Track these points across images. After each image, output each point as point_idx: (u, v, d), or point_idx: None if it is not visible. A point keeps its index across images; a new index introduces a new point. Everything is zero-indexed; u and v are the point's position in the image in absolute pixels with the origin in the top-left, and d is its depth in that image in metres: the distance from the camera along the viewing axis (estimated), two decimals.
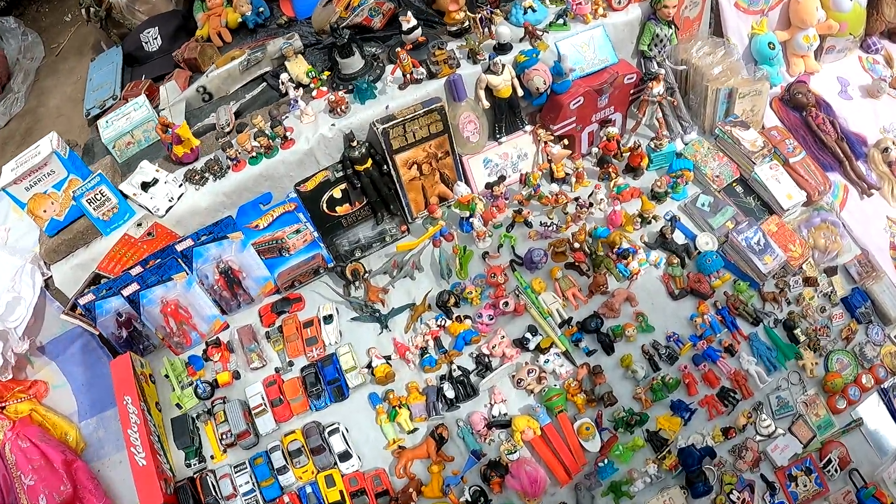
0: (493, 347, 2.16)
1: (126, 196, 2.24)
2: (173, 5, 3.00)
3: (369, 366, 2.18)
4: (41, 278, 2.26)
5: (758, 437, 2.09)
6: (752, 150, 2.37)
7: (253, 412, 2.14)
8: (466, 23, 2.30)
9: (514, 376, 2.14)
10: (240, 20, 2.76)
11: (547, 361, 2.12)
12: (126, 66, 2.88)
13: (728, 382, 2.14)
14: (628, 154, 2.39)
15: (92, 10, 2.85)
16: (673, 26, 2.34)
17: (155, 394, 2.23)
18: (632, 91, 2.41)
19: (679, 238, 2.31)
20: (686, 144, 2.47)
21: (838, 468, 2.11)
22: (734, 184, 2.41)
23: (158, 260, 2.20)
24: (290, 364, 2.25)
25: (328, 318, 2.30)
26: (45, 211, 2.22)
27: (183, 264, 2.23)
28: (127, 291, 2.18)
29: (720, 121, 2.47)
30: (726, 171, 2.41)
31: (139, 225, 2.22)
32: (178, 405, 2.19)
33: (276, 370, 2.24)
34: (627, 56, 2.42)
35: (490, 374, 2.12)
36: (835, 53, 2.74)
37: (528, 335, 2.16)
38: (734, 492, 2.01)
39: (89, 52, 3.13)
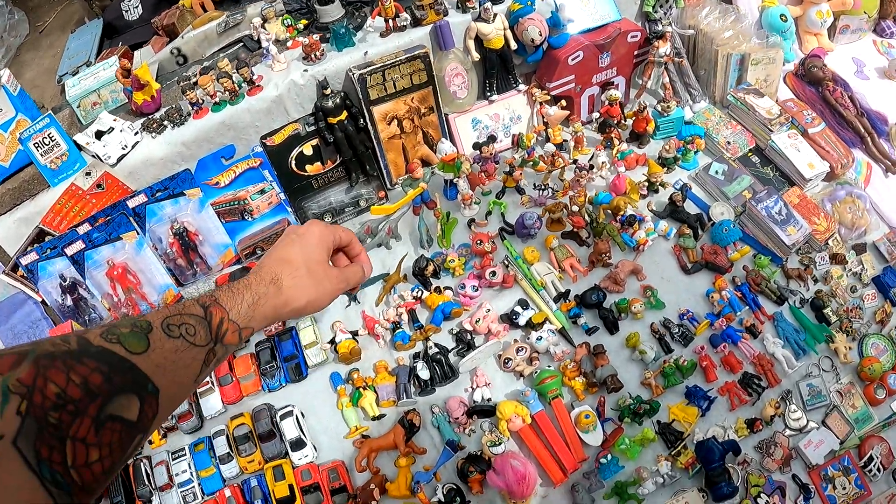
0: (477, 322, 1.85)
1: (80, 147, 2.03)
2: None
3: (332, 341, 1.89)
4: None
5: (787, 432, 1.75)
6: (768, 117, 2.15)
7: (197, 391, 1.86)
8: None
9: (500, 356, 1.83)
10: None
11: (540, 339, 1.81)
12: (105, 37, 2.77)
13: (752, 367, 1.83)
14: (632, 119, 2.17)
15: None
16: None
17: None
18: (636, 52, 2.22)
19: (690, 208, 2.05)
20: (695, 113, 2.25)
21: (881, 467, 1.76)
22: (750, 153, 2.18)
23: (108, 217, 1.97)
24: (245, 340, 1.96)
25: None
26: None
27: (134, 223, 1.99)
28: (71, 250, 1.95)
29: (732, 88, 2.26)
30: (741, 140, 2.18)
31: (88, 174, 2.00)
32: None
33: None
34: (630, 18, 2.24)
35: (472, 353, 1.81)
36: (848, 34, 2.58)
37: (518, 309, 1.87)
38: (762, 495, 1.64)
39: (72, 28, 3.03)
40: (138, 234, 2.01)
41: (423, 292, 1.94)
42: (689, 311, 1.89)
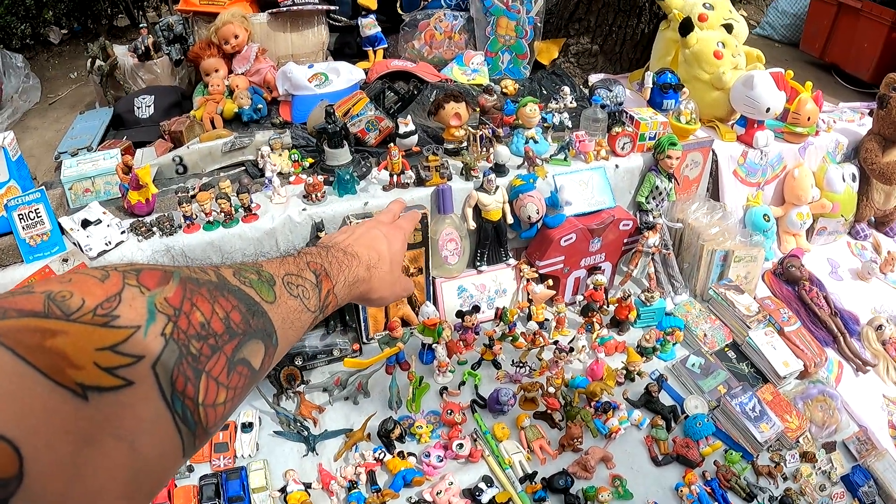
0: (438, 494, 1.77)
1: (63, 231, 1.98)
2: (176, 83, 2.98)
3: (283, 490, 1.78)
4: None
5: None
6: (746, 314, 2.22)
7: None
8: (465, 142, 2.23)
9: None
10: (235, 111, 2.72)
11: None
12: (112, 127, 2.78)
13: None
14: (615, 306, 2.20)
15: (97, 63, 2.80)
16: (673, 180, 2.29)
17: None
18: (625, 240, 2.29)
19: (665, 399, 2.05)
20: (676, 305, 2.31)
21: None
22: (726, 349, 2.22)
23: None
24: (190, 469, 1.85)
25: (247, 427, 1.93)
26: None
27: None
28: None
29: (714, 283, 2.33)
30: (719, 335, 2.23)
31: (65, 261, 1.93)
32: None
33: None
34: (623, 206, 2.33)
35: None
36: (825, 235, 2.73)
37: (483, 486, 1.79)
38: None
39: (81, 110, 3.06)
40: None
41: (385, 454, 1.86)
42: (657, 503, 1.85)
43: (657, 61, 2.77)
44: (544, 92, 2.82)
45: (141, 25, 2.93)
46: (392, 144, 2.07)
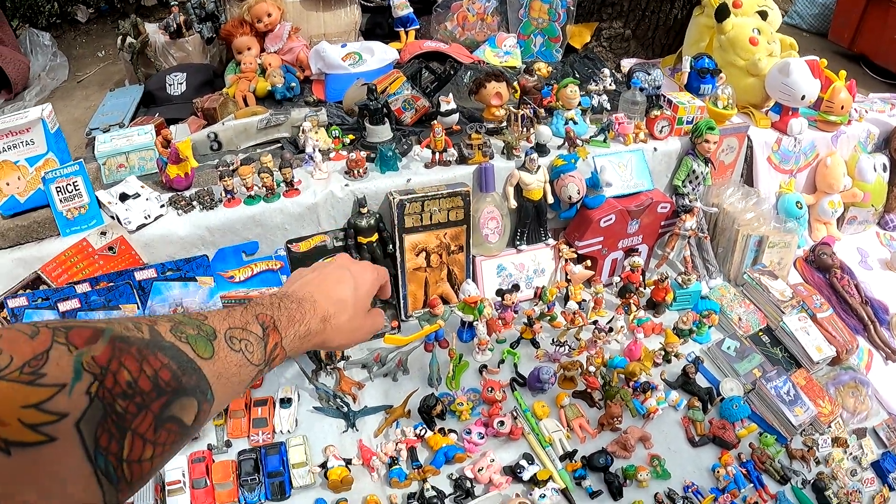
0: (480, 471, 1.78)
1: (101, 205, 1.97)
2: (207, 61, 2.97)
3: (324, 465, 1.79)
4: None
5: None
6: (781, 299, 2.23)
7: (166, 488, 1.71)
8: (504, 122, 2.22)
9: None
10: (268, 90, 2.71)
11: (543, 497, 1.74)
12: (143, 105, 2.76)
13: None
14: (652, 287, 2.21)
15: (128, 40, 2.78)
16: (710, 164, 2.29)
17: None
18: (662, 223, 2.29)
19: (701, 381, 2.06)
20: (711, 289, 2.32)
21: None
22: (760, 333, 2.23)
23: (111, 283, 1.89)
24: (228, 444, 1.85)
25: (286, 402, 1.93)
26: (7, 184, 1.94)
27: (137, 296, 1.91)
28: (64, 307, 1.85)
29: (748, 268, 2.34)
30: (753, 319, 2.24)
31: (103, 234, 1.93)
32: None
33: (209, 447, 1.83)
34: (660, 189, 2.33)
35: (471, 502, 1.73)
36: (855, 224, 2.74)
37: (524, 463, 1.80)
38: None
39: (111, 87, 3.05)
40: (138, 308, 1.92)
41: (426, 431, 1.87)
42: (694, 483, 1.87)
43: (690, 47, 2.76)
44: (577, 75, 2.81)
45: (172, 3, 2.90)
46: (435, 121, 2.06)
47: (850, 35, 4.28)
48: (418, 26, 2.96)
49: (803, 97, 2.42)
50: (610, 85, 2.29)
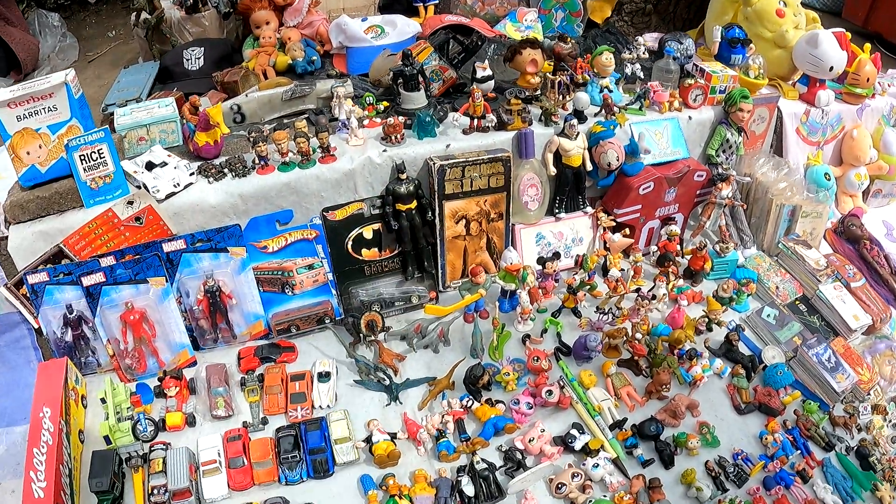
0: (531, 441, 1.73)
1: (126, 175, 1.89)
2: (224, 35, 2.89)
3: (368, 440, 1.72)
4: None
5: None
6: (816, 268, 2.23)
7: (201, 468, 1.64)
8: (539, 90, 2.19)
9: (552, 480, 1.70)
10: (289, 63, 2.64)
11: (596, 466, 1.70)
12: (159, 81, 2.68)
13: None
14: (689, 256, 2.18)
15: (142, 16, 2.70)
16: (743, 133, 2.28)
17: (82, 421, 1.74)
18: (698, 192, 2.27)
19: (743, 350, 2.05)
20: (746, 258, 2.30)
21: None
22: (797, 301, 2.23)
23: (137, 256, 1.82)
24: (264, 422, 1.79)
25: (324, 376, 1.87)
26: (28, 153, 1.86)
27: (165, 269, 1.84)
28: (89, 281, 1.77)
29: (782, 237, 2.34)
30: (790, 288, 2.24)
31: (130, 203, 1.85)
32: (106, 438, 1.68)
33: (244, 425, 1.76)
34: (694, 158, 2.32)
35: (523, 474, 1.68)
36: (880, 198, 2.77)
37: (575, 433, 1.76)
38: None
39: (123, 67, 2.97)
40: (167, 281, 1.86)
41: (473, 402, 1.81)
42: (743, 451, 1.85)
43: (713, 20, 2.74)
44: None
45: None
46: (474, 86, 2.02)
47: (864, 13, 4.27)
48: (437, 1, 2.91)
49: (832, 68, 2.41)
50: (644, 53, 2.27)
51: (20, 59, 3.18)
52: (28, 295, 1.82)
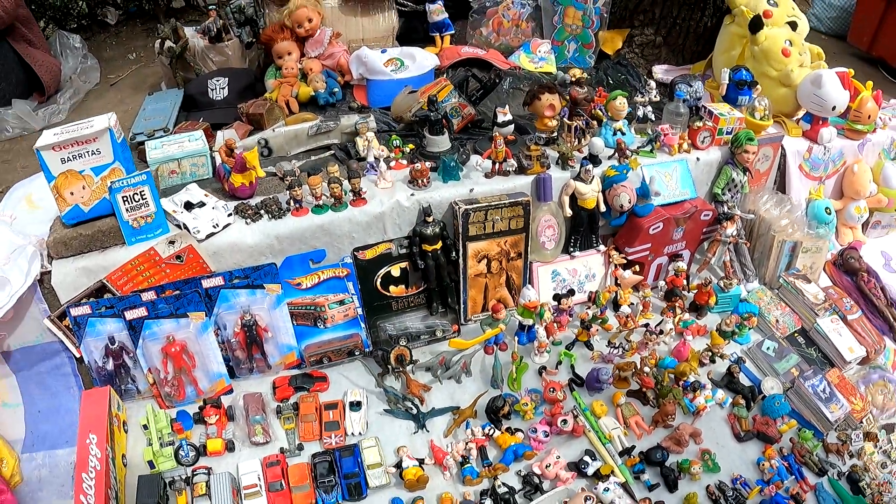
0: (547, 467, 1.89)
1: (166, 213, 2.01)
2: (247, 64, 2.99)
3: (398, 465, 1.87)
4: (39, 268, 1.95)
5: None
6: (814, 302, 2.37)
7: (243, 492, 1.78)
8: (556, 132, 2.30)
9: (566, 503, 1.85)
10: (311, 95, 2.74)
11: (607, 490, 1.84)
12: (183, 109, 2.77)
13: None
14: (695, 291, 2.32)
15: (167, 44, 2.80)
16: (748, 173, 2.40)
17: (125, 445, 1.88)
18: (704, 230, 2.40)
19: (743, 381, 2.19)
20: (749, 292, 2.44)
21: None
22: (796, 334, 2.37)
23: (178, 291, 1.94)
24: (300, 448, 1.93)
25: (356, 405, 2.01)
26: (72, 193, 1.97)
27: (205, 304, 1.97)
28: (131, 315, 1.90)
29: (783, 272, 2.47)
30: (789, 321, 2.37)
31: (172, 243, 1.97)
32: (150, 463, 1.82)
33: (282, 450, 1.91)
34: (700, 197, 2.44)
35: (540, 497, 1.83)
36: (879, 229, 2.89)
37: (588, 459, 1.91)
38: None
39: (145, 91, 3.06)
40: (206, 315, 1.98)
41: (494, 430, 1.96)
42: (742, 476, 1.99)
43: (721, 55, 2.86)
44: (610, 81, 2.90)
45: (210, 7, 2.91)
46: (496, 133, 2.14)
47: (869, 38, 4.33)
48: (453, 31, 3.01)
49: (834, 108, 2.53)
50: (655, 97, 2.38)
51: (43, 81, 3.24)
52: (70, 326, 1.94)
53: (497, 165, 2.14)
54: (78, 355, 1.98)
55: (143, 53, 3.61)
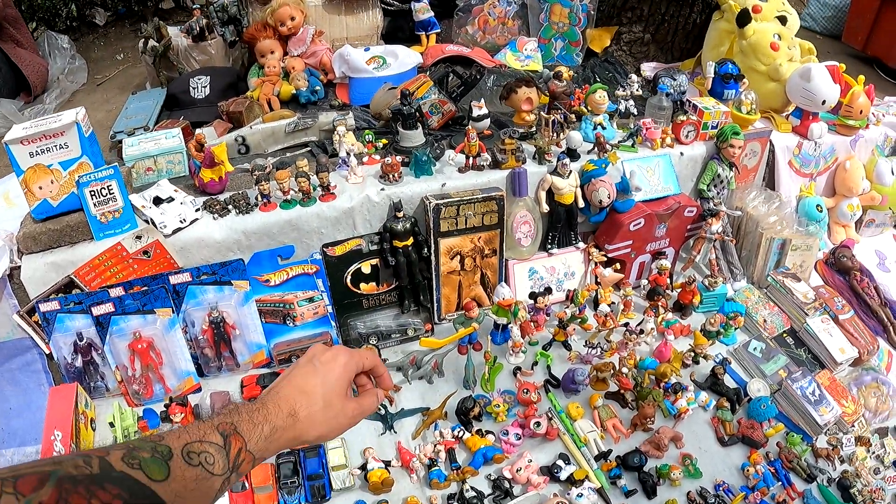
0: (518, 471, 1.81)
1: (134, 208, 1.99)
2: (230, 63, 2.98)
3: (363, 468, 1.81)
4: (7, 263, 1.93)
5: None
6: (804, 301, 2.28)
7: None
8: (534, 127, 2.25)
9: None
10: (293, 93, 2.72)
11: (580, 496, 1.77)
12: (166, 108, 2.77)
13: None
14: (679, 290, 2.25)
15: (150, 43, 2.79)
16: (734, 169, 2.33)
17: (91, 443, 1.83)
18: (689, 226, 2.33)
19: (729, 382, 2.11)
20: (736, 291, 2.36)
21: None
22: (785, 334, 2.28)
23: (145, 287, 1.91)
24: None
25: None
26: (41, 187, 1.95)
27: (172, 300, 1.93)
28: (98, 311, 1.87)
29: (771, 271, 2.39)
30: (777, 321, 2.29)
31: (138, 238, 1.95)
32: None
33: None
34: (686, 193, 2.37)
35: (510, 502, 1.76)
36: (873, 227, 2.80)
37: (561, 463, 1.84)
38: None
39: (131, 91, 3.06)
40: (173, 312, 1.94)
41: (464, 433, 1.90)
42: (725, 482, 1.91)
43: (710, 51, 2.80)
44: (598, 79, 2.85)
45: (194, 6, 2.91)
46: (469, 127, 2.09)
47: (863, 37, 4.30)
48: (439, 30, 2.98)
49: (824, 102, 2.46)
50: (637, 90, 2.33)
51: (30, 81, 3.26)
52: (40, 322, 1.91)
53: (471, 160, 2.09)
54: (48, 352, 1.95)
55: (131, 54, 3.64)
